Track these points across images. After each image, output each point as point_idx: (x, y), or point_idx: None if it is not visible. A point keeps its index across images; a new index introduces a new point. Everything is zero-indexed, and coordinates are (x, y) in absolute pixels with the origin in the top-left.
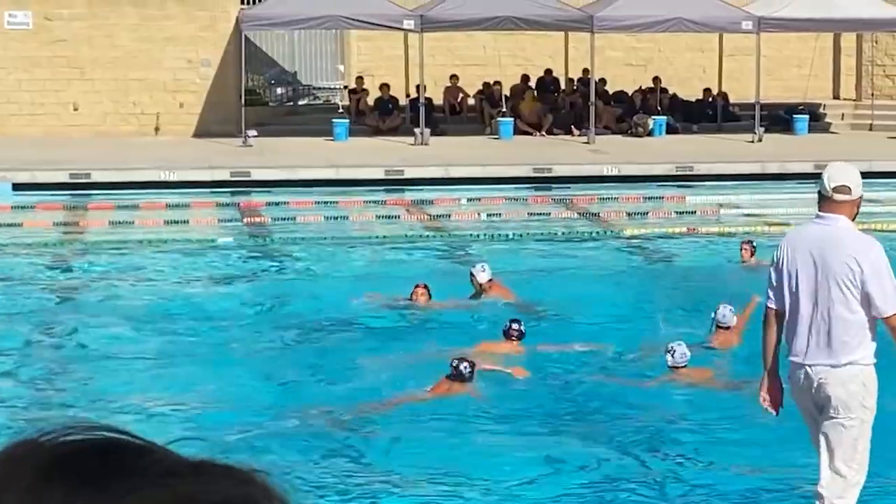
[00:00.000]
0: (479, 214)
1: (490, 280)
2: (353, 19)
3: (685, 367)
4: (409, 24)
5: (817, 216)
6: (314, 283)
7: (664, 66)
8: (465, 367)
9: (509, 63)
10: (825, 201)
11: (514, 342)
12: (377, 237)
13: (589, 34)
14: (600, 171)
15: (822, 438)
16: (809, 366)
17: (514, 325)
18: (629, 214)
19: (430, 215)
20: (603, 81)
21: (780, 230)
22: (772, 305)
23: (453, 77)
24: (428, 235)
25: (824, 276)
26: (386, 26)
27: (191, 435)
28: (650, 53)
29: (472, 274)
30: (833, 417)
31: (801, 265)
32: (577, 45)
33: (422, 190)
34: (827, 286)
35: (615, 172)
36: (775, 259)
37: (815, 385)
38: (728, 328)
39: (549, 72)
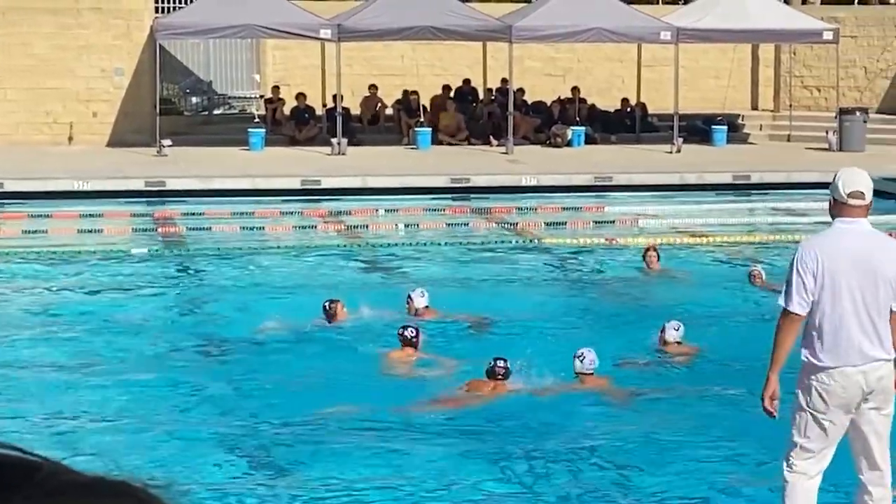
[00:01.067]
0: (396, 225)
1: (427, 307)
2: (268, 28)
3: (592, 374)
4: (325, 33)
5: (841, 220)
6: (229, 294)
7: (583, 76)
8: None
9: (427, 73)
10: (841, 206)
11: (409, 349)
12: (293, 248)
13: (507, 44)
14: (518, 181)
15: (871, 435)
16: (863, 365)
17: (407, 332)
18: (547, 225)
19: (348, 226)
20: (521, 91)
21: (699, 241)
22: (797, 311)
23: (371, 87)
24: (345, 246)
25: (873, 277)
26: (302, 35)
27: (95, 449)
28: (569, 63)
29: (409, 297)
30: (881, 410)
31: (843, 269)
32: (496, 54)
33: (339, 200)
34: (875, 286)
35: (533, 183)
36: (803, 266)
37: (866, 383)
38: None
39: (467, 81)
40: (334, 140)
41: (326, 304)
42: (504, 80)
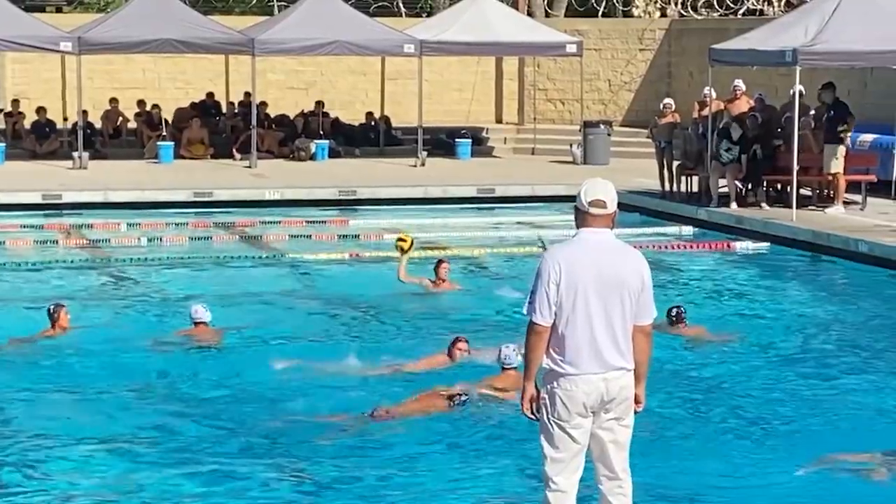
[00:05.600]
0: (139, 239)
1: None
2: (6, 41)
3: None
4: (65, 46)
5: (584, 230)
6: None
7: (326, 90)
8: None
9: (169, 86)
10: (584, 216)
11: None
12: (34, 262)
13: (250, 57)
14: (262, 195)
15: (611, 445)
16: (605, 372)
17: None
18: (292, 238)
19: (89, 240)
20: (264, 105)
21: (443, 254)
22: (541, 321)
23: (112, 100)
24: (86, 260)
25: (616, 287)
26: (41, 48)
27: None
28: (312, 77)
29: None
30: (621, 421)
31: (586, 278)
32: (239, 67)
33: (80, 214)
34: (619, 296)
35: (277, 197)
36: (546, 276)
37: (608, 391)
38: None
39: (210, 95)
40: (76, 154)
41: (51, 308)
42: (247, 94)
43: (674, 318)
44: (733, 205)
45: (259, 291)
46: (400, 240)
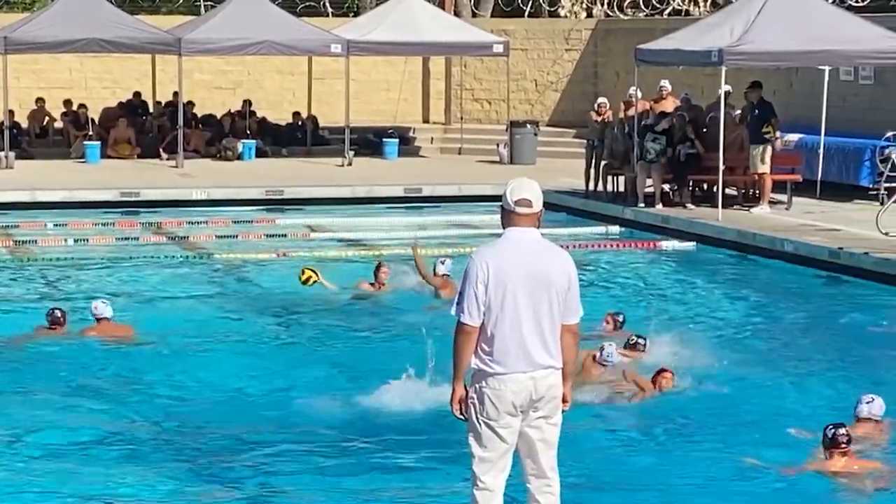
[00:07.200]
0: (66, 239)
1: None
2: None
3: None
4: None
5: (511, 230)
6: None
7: (254, 89)
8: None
9: (96, 86)
10: (510, 215)
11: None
12: None
13: (177, 57)
14: (189, 195)
15: (540, 443)
16: (532, 371)
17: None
18: (218, 238)
19: (16, 241)
20: (191, 104)
21: (370, 253)
22: (470, 322)
23: (39, 100)
24: (12, 261)
25: (544, 286)
26: None
27: None
28: (239, 76)
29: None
30: (549, 419)
31: (513, 278)
32: (165, 67)
33: (7, 214)
34: (547, 295)
35: (204, 196)
36: (474, 276)
37: (536, 390)
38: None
39: (137, 95)
40: (1, 153)
41: (57, 312)
42: (175, 94)
43: (631, 345)
44: (659, 205)
45: (183, 291)
46: (304, 282)
